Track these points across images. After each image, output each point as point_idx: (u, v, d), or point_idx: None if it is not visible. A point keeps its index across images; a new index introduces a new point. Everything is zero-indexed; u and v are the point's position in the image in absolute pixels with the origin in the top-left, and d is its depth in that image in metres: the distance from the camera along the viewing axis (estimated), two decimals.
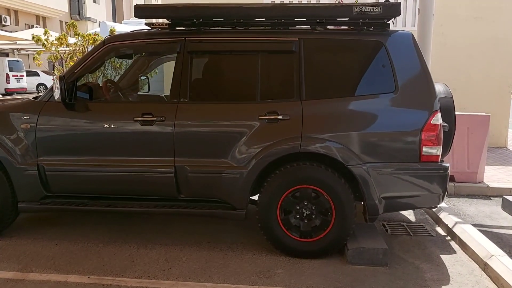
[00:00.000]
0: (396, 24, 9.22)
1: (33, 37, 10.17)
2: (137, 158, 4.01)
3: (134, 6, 4.12)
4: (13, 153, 4.11)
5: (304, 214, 3.87)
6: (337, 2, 8.81)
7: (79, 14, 36.98)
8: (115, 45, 4.25)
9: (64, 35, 9.75)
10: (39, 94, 4.52)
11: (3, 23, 27.42)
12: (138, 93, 5.53)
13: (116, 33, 9.33)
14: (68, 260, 3.87)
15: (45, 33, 10.01)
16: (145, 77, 5.63)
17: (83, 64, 4.17)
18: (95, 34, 9.62)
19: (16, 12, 29.71)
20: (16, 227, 4.56)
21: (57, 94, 3.97)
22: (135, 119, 3.96)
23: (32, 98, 4.39)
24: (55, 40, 9.62)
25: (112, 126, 4.02)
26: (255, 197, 4.05)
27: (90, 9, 38.75)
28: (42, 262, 3.83)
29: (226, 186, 3.92)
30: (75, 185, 4.16)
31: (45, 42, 9.58)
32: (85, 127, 4.11)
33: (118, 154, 4.04)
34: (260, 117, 3.85)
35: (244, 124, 3.89)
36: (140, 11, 4.11)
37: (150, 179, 4.02)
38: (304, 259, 3.89)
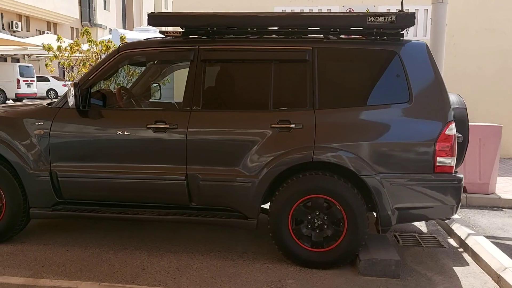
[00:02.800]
0: (408, 34, 9.22)
1: (43, 46, 10.21)
2: (149, 165, 4.02)
3: (149, 14, 4.15)
4: (26, 159, 4.13)
5: (316, 224, 3.85)
6: (347, 11, 8.87)
7: (89, 21, 37.32)
8: (129, 53, 4.27)
9: (77, 41, 9.77)
10: (53, 100, 4.55)
11: (15, 28, 27.77)
12: (151, 100, 5.55)
13: (126, 40, 9.38)
14: (79, 267, 3.87)
15: (58, 39, 10.06)
16: (157, 84, 5.65)
17: (97, 71, 4.21)
18: (108, 42, 9.64)
19: (27, 18, 30.03)
20: (28, 233, 4.57)
21: (71, 101, 3.99)
22: (148, 126, 3.97)
23: (46, 104, 4.42)
24: (68, 46, 9.65)
25: (125, 133, 4.03)
26: (267, 206, 4.03)
27: (100, 16, 39.11)
28: (53, 269, 3.84)
29: (238, 194, 3.90)
30: (87, 192, 4.17)
31: (56, 53, 9.60)
32: (98, 133, 4.13)
33: (131, 161, 4.05)
34: (272, 126, 3.84)
35: (256, 133, 3.88)
36: (155, 19, 4.15)
37: (162, 186, 4.02)
38: (315, 269, 3.86)
